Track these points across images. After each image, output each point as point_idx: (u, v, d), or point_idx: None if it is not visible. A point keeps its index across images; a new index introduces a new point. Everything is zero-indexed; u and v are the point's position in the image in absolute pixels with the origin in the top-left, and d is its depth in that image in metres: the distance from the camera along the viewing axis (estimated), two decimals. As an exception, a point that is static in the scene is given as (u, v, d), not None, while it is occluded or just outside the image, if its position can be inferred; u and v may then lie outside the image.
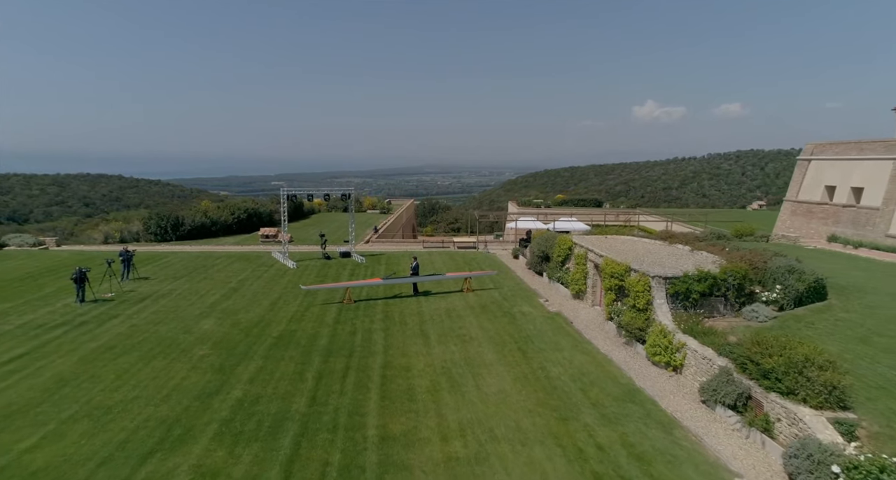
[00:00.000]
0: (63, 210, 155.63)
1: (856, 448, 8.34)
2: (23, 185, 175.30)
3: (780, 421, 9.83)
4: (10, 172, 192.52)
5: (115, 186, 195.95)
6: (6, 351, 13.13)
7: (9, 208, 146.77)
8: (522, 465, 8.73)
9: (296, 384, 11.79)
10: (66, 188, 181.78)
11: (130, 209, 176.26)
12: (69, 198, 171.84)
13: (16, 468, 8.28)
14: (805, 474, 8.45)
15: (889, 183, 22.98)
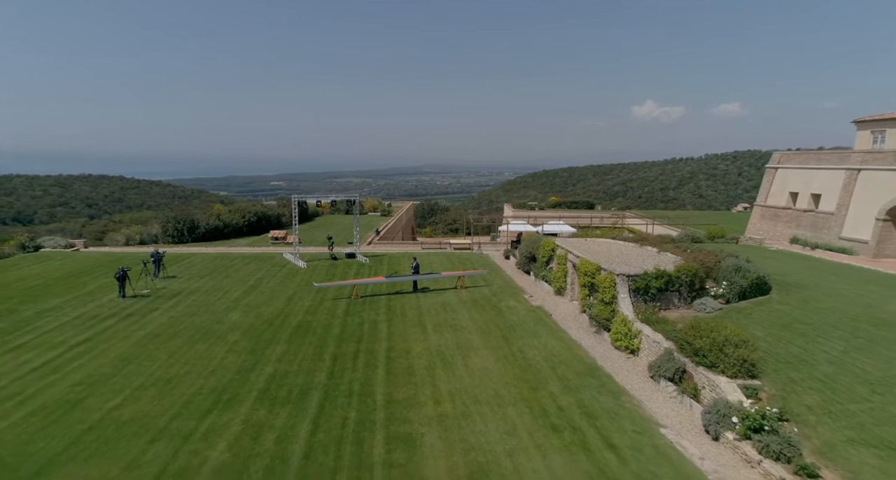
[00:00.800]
0: (66, 211, 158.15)
1: (751, 405, 10.97)
2: (26, 186, 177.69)
3: (705, 389, 12.47)
4: (13, 173, 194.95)
5: (116, 187, 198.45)
6: (73, 337, 15.77)
7: (13, 209, 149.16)
8: (497, 420, 11.36)
9: (316, 363, 14.42)
10: (69, 189, 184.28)
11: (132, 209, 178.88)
12: (72, 198, 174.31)
13: (109, 420, 10.92)
14: (714, 424, 11.10)
15: (842, 190, 25.64)
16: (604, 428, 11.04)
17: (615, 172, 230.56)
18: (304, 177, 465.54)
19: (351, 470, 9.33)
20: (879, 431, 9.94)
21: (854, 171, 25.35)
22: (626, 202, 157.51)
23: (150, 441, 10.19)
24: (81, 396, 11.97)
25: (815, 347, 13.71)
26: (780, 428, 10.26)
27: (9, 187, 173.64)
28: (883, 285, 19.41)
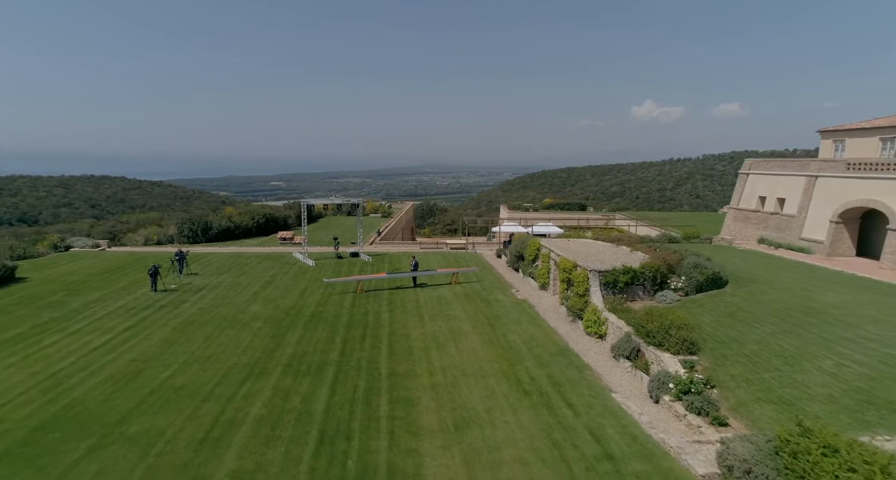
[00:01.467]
0: (70, 212, 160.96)
1: (685, 374, 13.66)
2: (29, 187, 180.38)
3: (653, 363, 15.16)
4: (16, 174, 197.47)
5: (118, 188, 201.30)
6: (120, 323, 18.45)
7: (19, 210, 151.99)
8: (480, 387, 14.03)
9: (329, 345, 17.10)
10: (72, 190, 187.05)
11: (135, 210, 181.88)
12: (75, 199, 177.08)
13: (167, 386, 13.61)
14: (655, 390, 13.79)
15: (802, 195, 28.34)
16: (565, 393, 13.72)
17: (613, 173, 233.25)
18: (303, 178, 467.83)
19: (362, 421, 12.01)
20: (781, 392, 12.62)
21: (812, 178, 28.06)
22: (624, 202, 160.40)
23: (202, 400, 12.87)
24: (139, 369, 14.66)
25: (749, 330, 16.41)
26: (704, 391, 12.96)
27: (12, 188, 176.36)
28: (825, 280, 22.11)
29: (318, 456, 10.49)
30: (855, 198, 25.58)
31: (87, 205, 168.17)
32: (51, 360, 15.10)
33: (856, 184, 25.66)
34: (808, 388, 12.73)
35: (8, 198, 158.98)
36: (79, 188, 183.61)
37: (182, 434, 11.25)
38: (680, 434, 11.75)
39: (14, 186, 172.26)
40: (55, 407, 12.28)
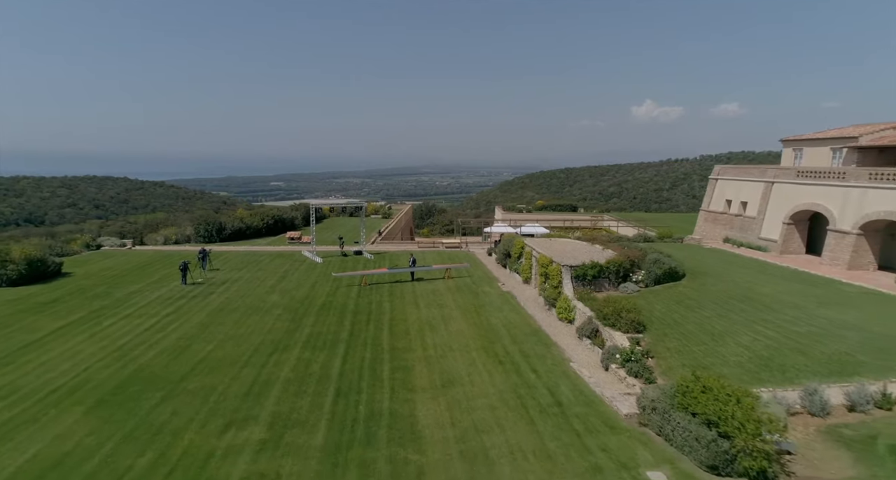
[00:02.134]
0: (75, 212, 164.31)
1: (630, 347, 17.04)
2: (34, 188, 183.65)
3: (607, 340, 18.54)
4: (20, 175, 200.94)
5: (121, 188, 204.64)
6: (161, 310, 21.87)
7: (25, 210, 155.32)
8: (464, 358, 17.42)
9: (339, 327, 20.48)
10: (75, 190, 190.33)
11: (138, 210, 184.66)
12: (80, 200, 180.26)
13: (210, 357, 17.00)
14: (605, 360, 17.17)
15: (761, 199, 31.75)
16: (532, 363, 17.12)
17: (611, 173, 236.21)
18: (303, 178, 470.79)
19: (369, 381, 15.41)
20: (703, 360, 16.02)
21: (770, 183, 31.46)
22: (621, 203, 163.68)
23: (241, 367, 16.26)
24: (186, 344, 18.07)
25: (691, 314, 19.86)
26: (642, 360, 16.35)
27: (17, 189, 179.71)
28: (769, 274, 25.55)
29: (336, 404, 13.90)
30: (803, 202, 29.00)
31: (91, 205, 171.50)
32: (113, 337, 18.52)
33: (804, 189, 29.08)
34: (724, 357, 16.17)
35: (14, 199, 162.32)
36: (82, 188, 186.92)
37: (230, 389, 14.66)
38: (617, 390, 15.15)
39: (18, 187, 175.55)
40: (128, 371, 15.70)
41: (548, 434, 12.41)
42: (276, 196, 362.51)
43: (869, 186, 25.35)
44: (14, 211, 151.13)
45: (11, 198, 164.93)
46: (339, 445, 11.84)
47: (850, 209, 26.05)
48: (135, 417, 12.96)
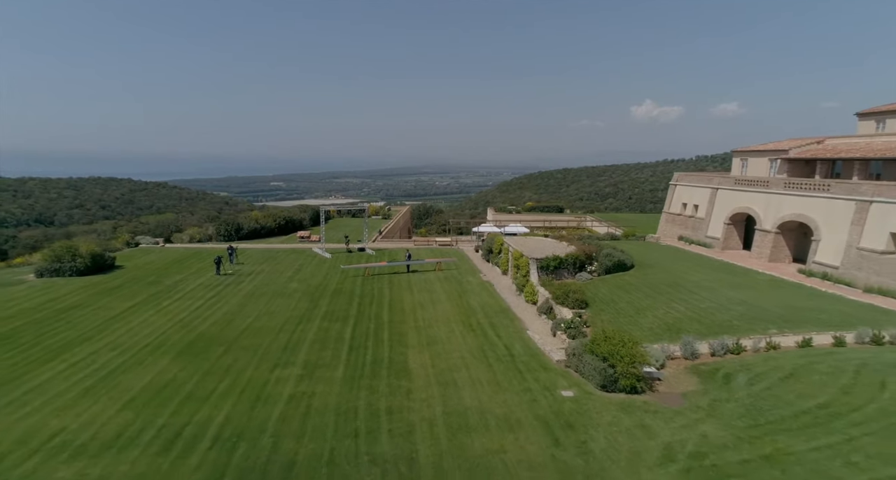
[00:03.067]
0: (83, 213, 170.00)
1: (572, 318, 22.62)
2: (41, 189, 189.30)
3: (557, 314, 24.13)
4: (26, 176, 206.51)
5: (125, 189, 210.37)
6: (205, 294, 27.48)
7: (34, 211, 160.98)
8: (445, 328, 23.00)
9: (348, 306, 26.07)
10: (81, 191, 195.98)
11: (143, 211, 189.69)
12: (86, 200, 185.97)
13: (251, 328, 22.60)
14: (554, 329, 22.77)
15: (708, 202, 37.35)
16: (497, 330, 22.71)
17: (608, 174, 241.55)
18: (303, 178, 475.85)
19: (373, 341, 20.99)
20: (625, 327, 21.56)
21: (715, 190, 37.05)
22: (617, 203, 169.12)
23: (276, 333, 21.85)
24: (231, 318, 23.68)
25: (626, 296, 25.47)
26: (580, 327, 21.93)
27: (25, 190, 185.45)
28: (703, 265, 31.15)
29: (349, 354, 19.49)
30: (739, 205, 34.58)
31: (97, 206, 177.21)
32: (173, 313, 24.16)
33: (740, 195, 34.66)
34: (640, 325, 21.78)
35: (23, 200, 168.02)
36: (88, 189, 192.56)
37: (271, 346, 20.25)
38: (556, 346, 20.75)
39: (26, 188, 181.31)
40: (193, 335, 21.32)
41: (499, 372, 18.00)
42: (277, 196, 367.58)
43: (784, 193, 30.89)
44: (24, 211, 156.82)
45: (21, 199, 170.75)
46: (353, 377, 17.43)
47: (770, 212, 31.57)
48: (208, 362, 18.56)
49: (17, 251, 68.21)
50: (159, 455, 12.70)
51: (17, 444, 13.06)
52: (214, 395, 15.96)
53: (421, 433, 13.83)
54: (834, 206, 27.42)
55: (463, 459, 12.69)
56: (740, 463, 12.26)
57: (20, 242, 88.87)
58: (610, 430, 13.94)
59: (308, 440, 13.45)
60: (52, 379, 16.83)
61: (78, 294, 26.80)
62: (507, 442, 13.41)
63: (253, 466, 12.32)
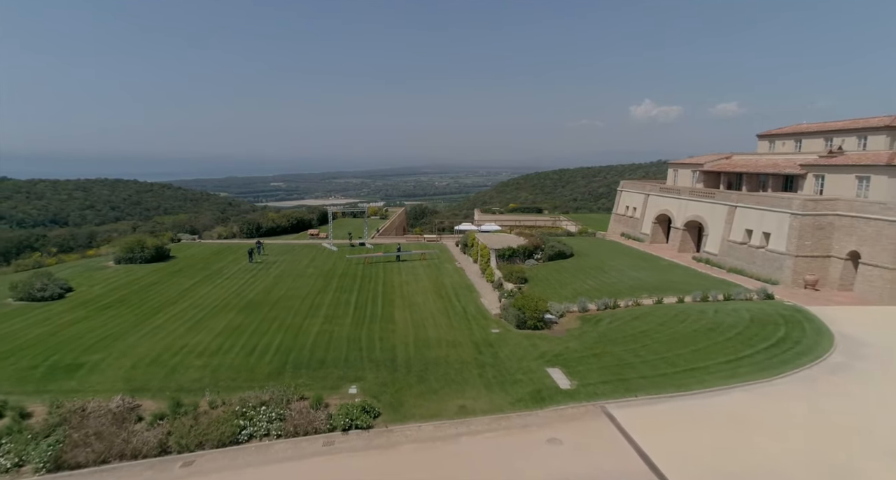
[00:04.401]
0: (94, 213, 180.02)
1: (513, 290, 32.43)
2: (52, 190, 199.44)
3: (505, 288, 33.95)
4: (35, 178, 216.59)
5: (132, 190, 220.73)
6: (244, 276, 37.36)
7: (49, 212, 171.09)
8: (422, 297, 32.84)
9: (353, 284, 35.92)
10: (90, 193, 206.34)
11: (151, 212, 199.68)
12: (96, 202, 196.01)
13: (285, 296, 32.47)
14: (500, 298, 32.60)
15: (642, 206, 47.15)
16: (459, 298, 32.53)
17: (603, 174, 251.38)
18: (303, 178, 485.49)
19: (371, 304, 30.83)
20: (550, 295, 31.37)
21: (647, 195, 46.85)
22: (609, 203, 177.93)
23: (302, 299, 31.69)
24: (268, 291, 33.53)
25: (558, 275, 35.33)
26: (516, 294, 31.73)
27: (36, 192, 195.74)
28: (625, 255, 40.91)
29: (355, 311, 29.32)
30: (662, 209, 44.38)
31: (107, 206, 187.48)
32: (226, 287, 34.02)
33: (663, 200, 44.45)
34: (561, 294, 31.61)
35: (37, 201, 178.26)
36: (96, 191, 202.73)
37: (300, 307, 30.06)
38: (498, 307, 30.53)
39: (37, 190, 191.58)
40: (245, 300, 31.18)
41: (454, 321, 27.80)
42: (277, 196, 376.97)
43: (688, 199, 40.62)
44: (39, 212, 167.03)
45: (34, 200, 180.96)
46: (357, 323, 27.23)
47: (680, 213, 41.26)
48: (260, 314, 28.38)
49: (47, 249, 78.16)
50: (247, 357, 22.52)
51: (164, 350, 22.90)
52: (270, 331, 25.79)
53: (399, 349, 23.64)
54: (716, 210, 37.05)
55: (422, 360, 22.48)
56: (579, 358, 22.06)
57: (49, 241, 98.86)
58: (513, 346, 23.74)
59: (331, 351, 23.26)
60: (164, 323, 26.71)
61: (153, 275, 36.75)
62: (451, 353, 23.21)
63: (300, 362, 22.11)
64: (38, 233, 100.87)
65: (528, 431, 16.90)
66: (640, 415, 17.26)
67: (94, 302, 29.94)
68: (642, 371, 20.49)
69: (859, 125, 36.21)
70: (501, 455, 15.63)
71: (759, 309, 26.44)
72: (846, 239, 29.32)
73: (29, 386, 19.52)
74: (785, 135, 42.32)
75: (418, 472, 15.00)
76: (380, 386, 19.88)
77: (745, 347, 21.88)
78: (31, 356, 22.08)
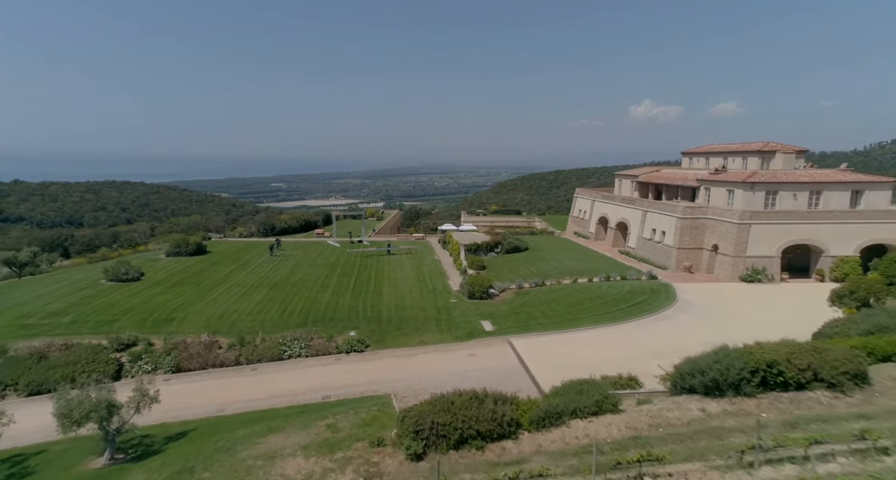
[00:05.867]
0: (107, 215, 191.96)
1: (474, 274, 44.17)
2: (64, 193, 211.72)
3: (468, 273, 45.71)
4: (48, 180, 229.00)
5: (140, 193, 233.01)
6: (268, 265, 49.20)
7: (65, 214, 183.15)
8: (404, 280, 44.64)
9: (352, 270, 47.76)
10: (100, 195, 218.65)
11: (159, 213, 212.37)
12: (107, 203, 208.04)
13: (301, 279, 44.33)
14: (462, 278, 44.39)
15: (589, 210, 58.82)
16: (433, 281, 44.31)
17: (597, 175, 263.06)
18: (303, 179, 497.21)
19: (366, 284, 42.64)
20: (500, 277, 43.13)
21: (592, 201, 58.50)
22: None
23: (314, 281, 43.50)
24: (289, 275, 45.37)
25: (510, 264, 47.21)
26: (476, 277, 43.53)
27: (49, 194, 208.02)
28: (568, 249, 52.64)
29: (354, 289, 41.14)
30: (602, 212, 56.05)
31: (118, 208, 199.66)
32: (257, 273, 45.86)
33: (603, 205, 56.12)
34: (509, 276, 43.42)
35: (52, 203, 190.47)
36: (105, 193, 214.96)
37: (314, 286, 41.88)
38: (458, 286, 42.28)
39: (49, 192, 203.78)
40: (273, 281, 43.02)
41: (425, 295, 39.55)
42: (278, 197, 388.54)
43: (618, 205, 52.19)
44: (56, 214, 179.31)
45: (49, 202, 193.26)
46: (356, 295, 39.01)
47: (614, 216, 52.80)
48: (285, 291, 40.16)
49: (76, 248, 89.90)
50: (280, 315, 34.33)
51: (224, 312, 34.73)
52: (293, 300, 37.58)
53: (384, 311, 35.39)
54: (635, 214, 48.50)
55: (399, 317, 34.21)
56: (503, 314, 33.74)
57: (77, 240, 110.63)
58: (462, 309, 35.44)
59: (338, 312, 35.04)
60: (219, 296, 38.55)
61: (198, 265, 48.64)
62: (419, 313, 34.95)
63: (317, 318, 33.88)
64: (67, 233, 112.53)
65: (458, 350, 28.68)
66: (526, 342, 28.96)
67: (164, 283, 41.87)
68: (541, 321, 32.21)
69: (743, 148, 47.49)
70: (440, 361, 27.39)
71: (638, 285, 38.03)
72: (711, 236, 40.72)
73: (146, 330, 31.43)
74: (698, 154, 53.60)
75: (391, 371, 26.71)
76: (370, 331, 31.65)
77: (612, 307, 33.53)
78: (139, 314, 34.02)
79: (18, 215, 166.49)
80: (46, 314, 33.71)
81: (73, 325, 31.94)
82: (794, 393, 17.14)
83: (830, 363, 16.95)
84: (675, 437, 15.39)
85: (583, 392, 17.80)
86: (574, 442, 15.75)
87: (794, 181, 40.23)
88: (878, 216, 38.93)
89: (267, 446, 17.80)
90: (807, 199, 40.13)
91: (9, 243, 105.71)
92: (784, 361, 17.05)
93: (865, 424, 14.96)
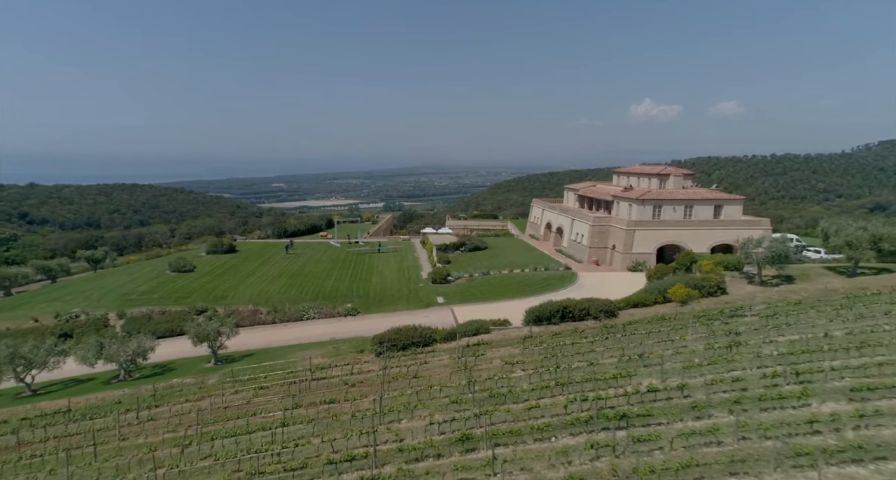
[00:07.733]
0: (121, 217, 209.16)
1: (441, 267, 61.01)
2: (78, 195, 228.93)
3: (437, 267, 62.54)
4: (61, 183, 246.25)
5: (149, 195, 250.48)
6: (285, 261, 66.17)
7: (83, 216, 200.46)
8: (389, 272, 61.64)
9: (350, 264, 64.71)
10: (112, 197, 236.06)
11: (169, 215, 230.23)
12: (120, 206, 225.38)
13: (311, 271, 61.27)
14: (433, 274, 61.23)
15: (541, 216, 75.45)
16: (410, 273, 61.27)
17: (590, 177, 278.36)
18: (303, 179, 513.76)
19: (360, 275, 59.68)
20: (460, 269, 59.92)
21: (543, 210, 75.12)
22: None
23: (321, 272, 60.48)
24: (301, 268, 62.37)
25: (471, 259, 64.20)
26: (442, 270, 60.38)
27: (62, 197, 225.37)
28: (520, 247, 69.57)
29: (351, 278, 58.12)
30: (549, 219, 72.70)
31: (130, 210, 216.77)
32: (279, 266, 62.81)
33: (548, 213, 72.76)
34: (468, 269, 60.28)
35: (68, 206, 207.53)
36: (116, 196, 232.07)
37: (320, 275, 58.85)
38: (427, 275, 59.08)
39: (63, 195, 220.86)
40: (290, 272, 60.07)
41: (402, 282, 56.45)
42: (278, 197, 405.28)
43: (558, 214, 68.80)
44: (75, 216, 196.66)
45: (66, 205, 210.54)
46: (352, 281, 55.94)
47: (555, 222, 69.33)
48: (300, 279, 57.09)
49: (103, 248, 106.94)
50: (299, 293, 51.38)
51: (260, 291, 51.73)
52: (307, 285, 54.49)
53: (371, 291, 52.34)
54: (567, 220, 64.93)
55: (381, 296, 51.16)
56: (453, 293, 50.52)
57: (106, 241, 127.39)
58: (426, 290, 52.28)
59: (339, 292, 52.04)
60: (253, 282, 55.56)
61: (232, 260, 65.60)
62: (396, 293, 51.91)
63: (325, 296, 50.91)
64: (97, 235, 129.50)
65: (418, 313, 45.48)
66: (462, 309, 45.66)
67: (212, 273, 58.89)
68: (477, 296, 48.90)
69: (649, 171, 63.71)
70: (405, 319, 44.04)
71: (554, 273, 54.55)
72: (611, 238, 57.04)
73: (210, 302, 48.32)
74: (624, 173, 69.64)
75: (373, 325, 43.42)
76: (361, 304, 48.47)
77: (528, 288, 50.11)
78: (202, 293, 51.05)
79: (42, 217, 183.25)
80: (140, 293, 50.79)
81: (161, 300, 48.92)
82: (578, 322, 33.87)
83: (596, 306, 33.67)
84: (509, 341, 32.10)
85: (472, 324, 34.58)
86: (462, 345, 32.59)
87: (674, 198, 56.64)
88: (724, 224, 55.47)
89: (301, 355, 34.59)
90: (682, 211, 56.53)
91: (49, 244, 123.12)
92: (573, 306, 33.78)
93: (607, 333, 31.70)
